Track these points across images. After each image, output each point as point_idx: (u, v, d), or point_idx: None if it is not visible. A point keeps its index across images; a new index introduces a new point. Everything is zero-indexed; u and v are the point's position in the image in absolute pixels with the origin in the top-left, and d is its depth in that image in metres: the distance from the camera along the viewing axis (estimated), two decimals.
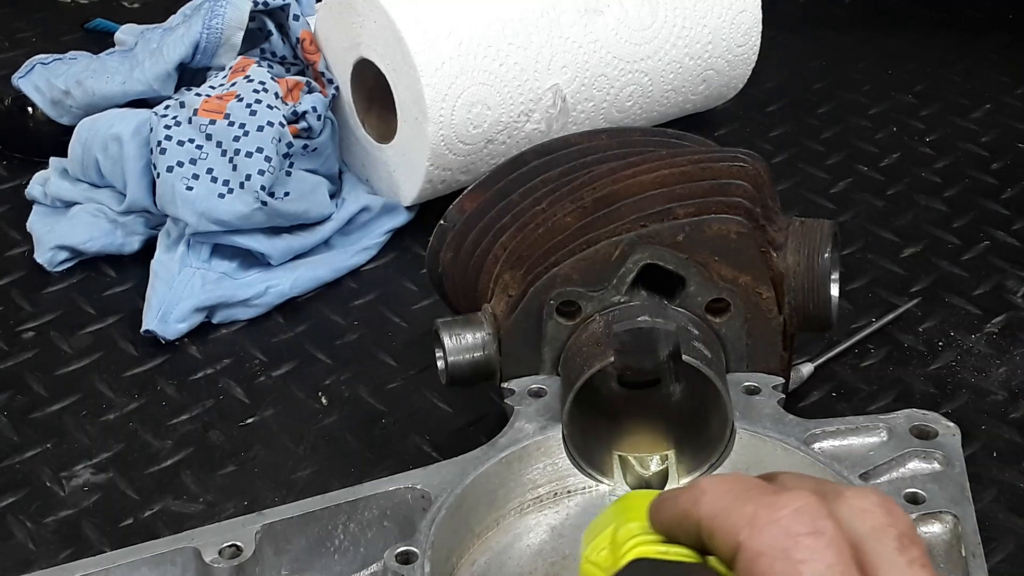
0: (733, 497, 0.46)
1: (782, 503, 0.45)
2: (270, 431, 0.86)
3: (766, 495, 0.46)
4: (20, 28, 1.39)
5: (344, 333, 0.95)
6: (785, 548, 0.44)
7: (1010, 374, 0.90)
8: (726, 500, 0.46)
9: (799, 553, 0.44)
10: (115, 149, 1.00)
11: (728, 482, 0.48)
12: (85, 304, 0.98)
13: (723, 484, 0.47)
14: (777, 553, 0.44)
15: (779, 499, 0.45)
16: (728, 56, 1.13)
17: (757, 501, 0.45)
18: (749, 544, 0.44)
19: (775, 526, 0.44)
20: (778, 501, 0.45)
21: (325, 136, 1.03)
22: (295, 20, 1.06)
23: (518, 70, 1.01)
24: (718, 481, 0.48)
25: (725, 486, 0.47)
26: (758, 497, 0.46)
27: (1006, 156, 1.16)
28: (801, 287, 0.75)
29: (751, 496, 0.46)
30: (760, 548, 0.44)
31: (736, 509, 0.46)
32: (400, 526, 0.68)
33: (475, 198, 0.80)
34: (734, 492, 0.47)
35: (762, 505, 0.45)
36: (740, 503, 0.46)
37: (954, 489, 0.66)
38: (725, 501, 0.46)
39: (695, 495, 0.48)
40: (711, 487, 0.47)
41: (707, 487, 0.48)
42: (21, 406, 0.88)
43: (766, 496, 0.46)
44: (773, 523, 0.44)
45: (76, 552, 0.76)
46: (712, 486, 0.47)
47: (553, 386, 0.73)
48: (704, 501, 0.47)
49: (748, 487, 0.47)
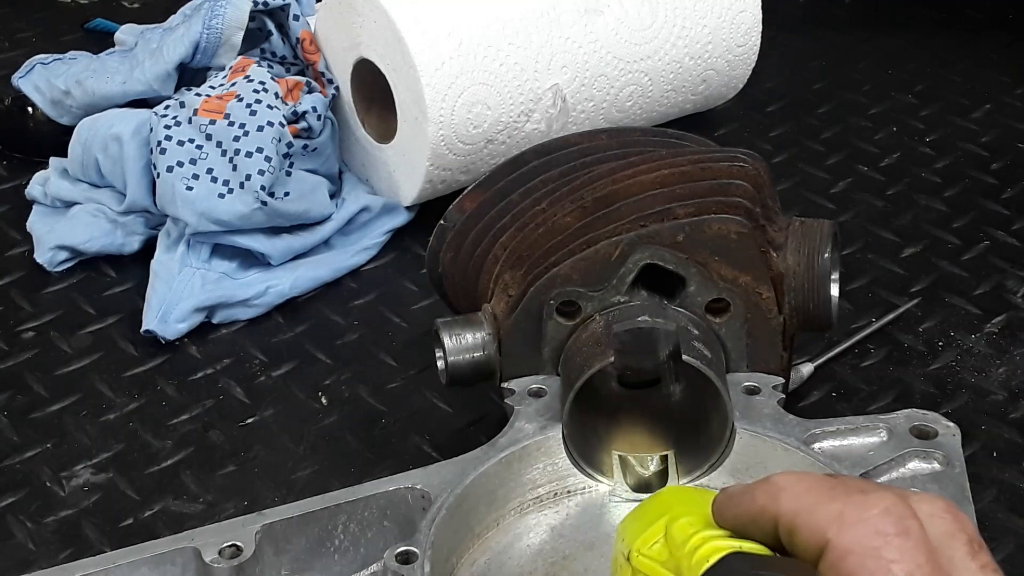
0: (817, 495, 0.47)
1: (871, 502, 0.45)
2: (270, 431, 0.86)
3: (852, 494, 0.46)
4: (20, 28, 1.39)
5: (344, 333, 0.95)
6: (875, 547, 0.44)
7: (1010, 374, 0.90)
8: (809, 497, 0.47)
9: (889, 552, 0.44)
10: (115, 149, 1.00)
11: (807, 479, 0.48)
12: (85, 304, 0.98)
13: (802, 481, 0.48)
14: (867, 551, 0.44)
15: (867, 498, 0.45)
16: (728, 56, 1.13)
17: (844, 500, 0.46)
18: (838, 541, 0.45)
19: (864, 525, 0.45)
20: (867, 500, 0.45)
21: (325, 136, 1.03)
22: (295, 20, 1.06)
23: (518, 70, 1.01)
24: (796, 478, 0.48)
25: (805, 483, 0.47)
26: (845, 496, 0.46)
27: (1006, 156, 1.16)
28: (801, 287, 0.75)
29: (836, 494, 0.46)
30: (849, 546, 0.44)
31: (822, 506, 0.46)
32: (400, 526, 0.68)
33: (475, 198, 0.80)
34: (817, 490, 0.47)
35: (850, 504, 0.45)
36: (826, 501, 0.46)
37: (954, 489, 0.66)
38: (809, 499, 0.47)
39: (773, 492, 0.48)
40: (791, 484, 0.48)
41: (786, 484, 0.48)
42: (21, 406, 0.88)
43: (853, 495, 0.46)
44: (862, 522, 0.45)
45: (76, 552, 0.76)
46: (792, 483, 0.48)
47: (553, 386, 0.73)
48: (784, 498, 0.47)
49: (831, 485, 0.47)
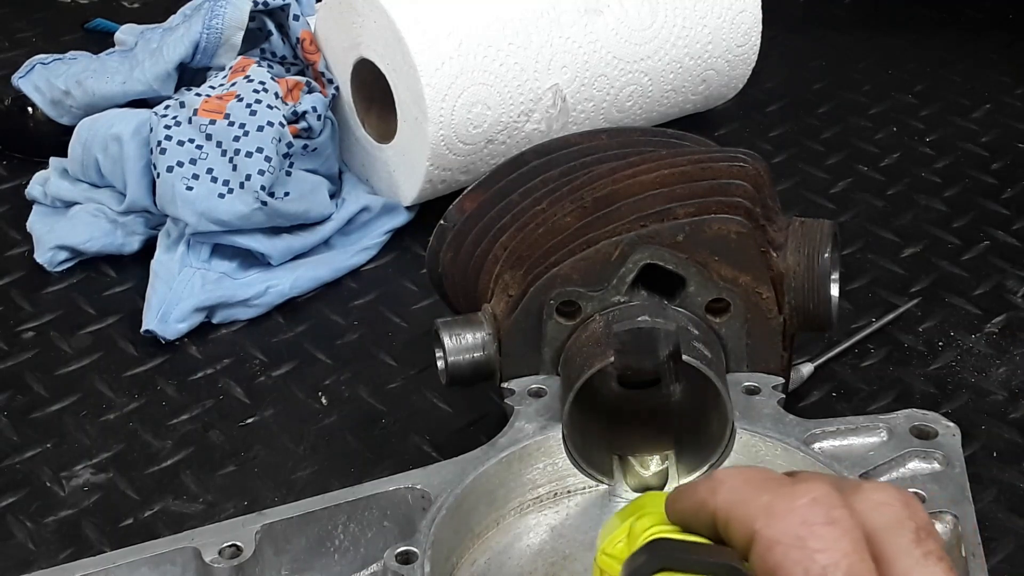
0: (750, 487, 0.47)
1: (799, 492, 0.45)
2: (270, 431, 0.86)
3: (783, 485, 0.46)
4: (20, 28, 1.39)
5: (344, 333, 0.95)
6: (800, 536, 0.44)
7: (1010, 374, 0.90)
8: (743, 490, 0.47)
9: (814, 542, 0.44)
10: (115, 149, 1.00)
11: (746, 473, 0.48)
12: (85, 304, 0.98)
13: (741, 475, 0.48)
14: (792, 541, 0.44)
15: (796, 489, 0.46)
16: (728, 56, 1.13)
17: (774, 491, 0.46)
18: (765, 532, 0.45)
19: (791, 515, 0.45)
20: (795, 491, 0.45)
21: (325, 136, 1.03)
22: (295, 20, 1.06)
23: (518, 70, 1.01)
24: (736, 472, 0.48)
25: (743, 476, 0.48)
26: (775, 488, 0.46)
27: (1006, 156, 1.16)
28: (801, 287, 0.75)
29: (768, 486, 0.46)
30: (776, 536, 0.45)
31: (753, 499, 0.46)
32: (400, 526, 0.68)
33: (475, 198, 0.80)
34: (751, 483, 0.47)
35: (778, 495, 0.46)
36: (757, 493, 0.46)
37: (954, 489, 0.66)
38: (742, 491, 0.47)
39: (713, 485, 0.48)
40: (729, 477, 0.48)
41: (725, 477, 0.48)
42: (21, 406, 0.88)
43: (783, 487, 0.46)
44: (789, 512, 0.45)
45: (76, 552, 0.76)
46: (730, 476, 0.48)
47: (553, 386, 0.73)
48: (721, 491, 0.47)
49: (765, 478, 0.47)
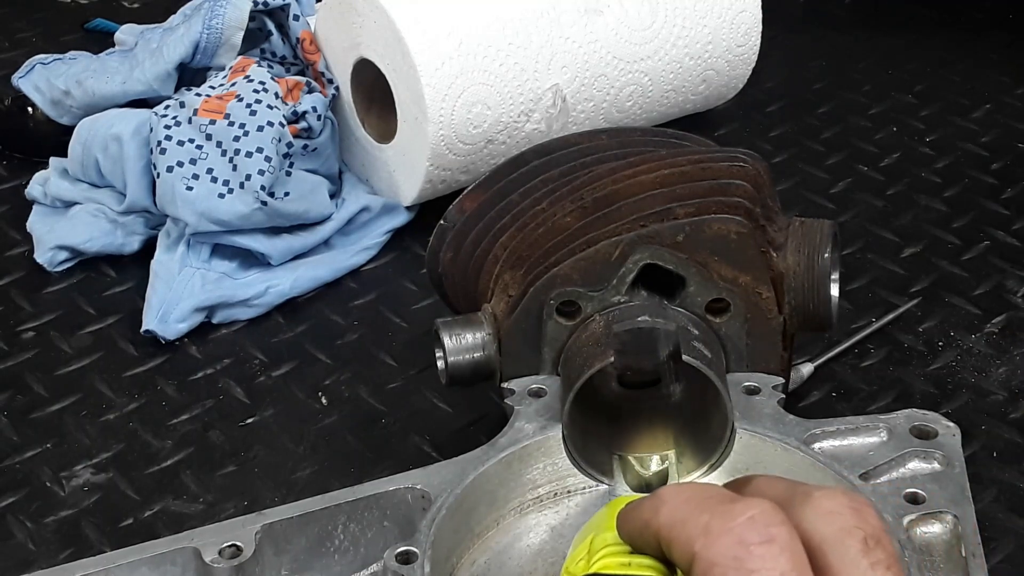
0: (691, 507, 0.46)
1: (736, 512, 0.45)
2: (270, 431, 0.86)
3: (723, 504, 0.45)
4: (20, 28, 1.39)
5: (344, 333, 0.95)
6: (738, 557, 0.43)
7: (1010, 374, 0.90)
8: (684, 510, 0.46)
9: (752, 562, 0.43)
10: (115, 149, 1.00)
11: (687, 491, 0.47)
12: (85, 304, 0.98)
13: (682, 493, 0.47)
14: (730, 563, 0.43)
15: (734, 508, 0.45)
16: (728, 56, 1.13)
17: (712, 510, 0.45)
18: (703, 554, 0.44)
19: (728, 535, 0.44)
20: (732, 510, 0.45)
21: (325, 136, 1.03)
22: (295, 20, 1.06)
23: (518, 70, 1.01)
24: (678, 490, 0.47)
25: (684, 495, 0.47)
26: (714, 506, 0.45)
27: (1006, 156, 1.16)
28: (801, 287, 0.75)
29: (708, 505, 0.45)
30: (713, 558, 0.44)
31: (692, 519, 0.45)
32: (400, 526, 0.68)
33: (475, 198, 0.80)
34: (692, 502, 0.46)
35: (716, 514, 0.45)
36: (697, 512, 0.45)
37: (954, 489, 0.66)
38: (683, 511, 0.46)
39: (655, 504, 0.47)
40: (671, 496, 0.47)
41: (667, 496, 0.47)
42: (21, 406, 0.88)
43: (722, 505, 0.45)
44: (727, 532, 0.44)
45: (76, 552, 0.76)
46: (672, 495, 0.47)
47: (553, 386, 0.73)
48: (663, 511, 0.47)
49: (706, 496, 0.46)
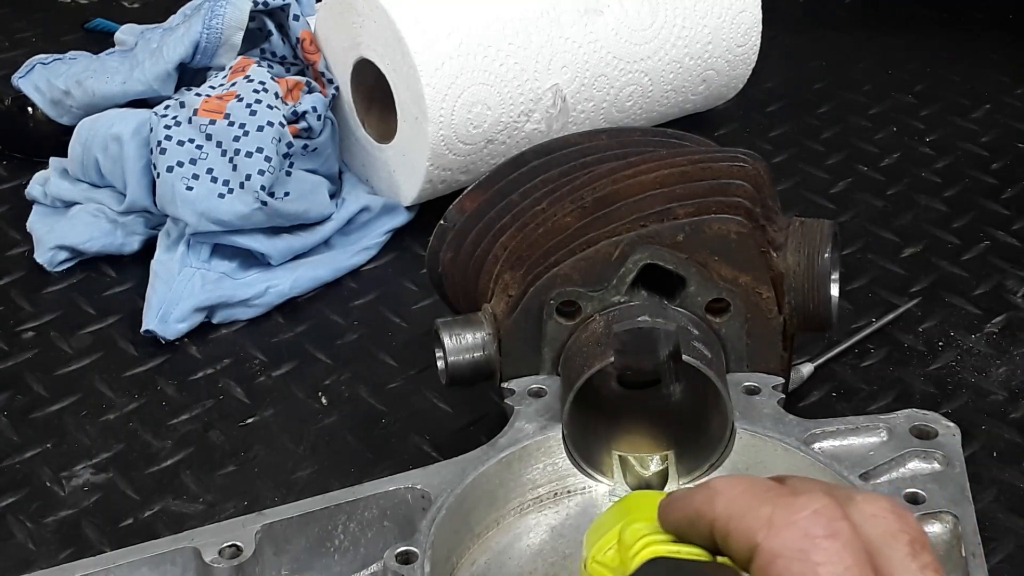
0: (749, 498, 0.46)
1: (800, 505, 0.45)
2: (270, 431, 0.86)
3: (783, 496, 0.46)
4: (20, 28, 1.39)
5: (344, 333, 0.95)
6: (803, 549, 0.44)
7: (1010, 374, 0.90)
8: (742, 501, 0.46)
9: (817, 555, 0.44)
10: (115, 149, 1.00)
11: (742, 483, 0.48)
12: (85, 304, 0.98)
13: (738, 485, 0.47)
14: (795, 554, 0.44)
15: (796, 501, 0.45)
16: (728, 56, 1.13)
17: (774, 503, 0.45)
18: (767, 545, 0.45)
19: (793, 528, 0.44)
20: (795, 503, 0.45)
21: (325, 136, 1.03)
22: (295, 20, 1.06)
23: (518, 70, 1.01)
24: (732, 482, 0.48)
25: (740, 487, 0.47)
26: (775, 499, 0.46)
27: (1006, 156, 1.16)
28: (801, 287, 0.75)
29: (768, 498, 0.46)
30: (778, 549, 0.44)
31: (752, 510, 0.46)
32: (400, 526, 0.68)
33: (475, 198, 0.80)
34: (750, 493, 0.47)
35: (779, 507, 0.45)
36: (757, 504, 0.46)
37: (954, 489, 0.66)
38: (741, 502, 0.46)
39: (709, 495, 0.48)
40: (726, 488, 0.47)
41: (721, 488, 0.48)
42: (21, 406, 0.88)
43: (783, 498, 0.46)
44: (791, 525, 0.45)
45: (76, 552, 0.76)
46: (727, 487, 0.48)
47: (553, 386, 0.73)
48: (719, 502, 0.47)
49: (764, 488, 0.47)
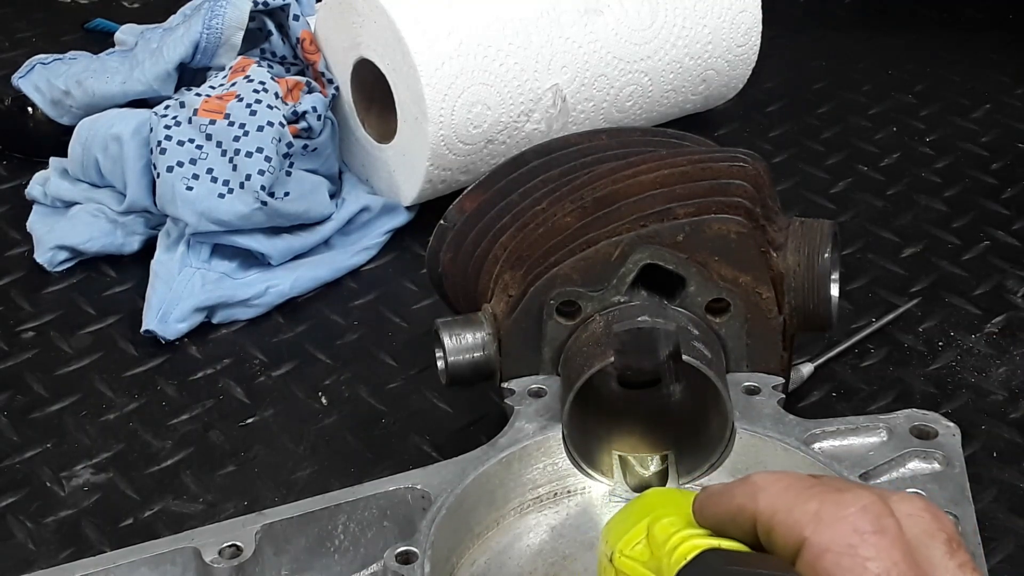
0: (795, 494, 0.47)
1: (848, 501, 0.45)
2: (270, 431, 0.86)
3: (829, 492, 0.46)
4: (20, 28, 1.39)
5: (344, 333, 0.95)
6: (852, 544, 0.44)
7: (1010, 374, 0.90)
8: (787, 496, 0.47)
9: (866, 550, 0.44)
10: (115, 149, 1.00)
11: (786, 479, 0.48)
12: (85, 304, 0.98)
13: (781, 480, 0.48)
14: (844, 549, 0.44)
15: (844, 497, 0.46)
16: (728, 56, 1.13)
17: (821, 498, 0.46)
18: (815, 540, 0.45)
19: (842, 523, 0.45)
20: (843, 499, 0.46)
21: (325, 136, 1.03)
22: (295, 20, 1.06)
23: (518, 70, 1.01)
24: (775, 477, 0.48)
25: (784, 482, 0.48)
26: (822, 494, 0.46)
27: (1006, 156, 1.16)
28: (801, 287, 0.75)
29: (814, 493, 0.46)
30: (826, 544, 0.45)
31: (799, 505, 0.46)
32: (400, 526, 0.68)
33: (475, 198, 0.80)
34: (795, 489, 0.47)
35: (827, 502, 0.46)
36: (803, 500, 0.46)
37: (954, 489, 0.66)
38: (786, 497, 0.47)
39: (752, 491, 0.48)
40: (769, 483, 0.48)
41: (765, 483, 0.48)
42: (21, 406, 0.88)
43: (830, 493, 0.46)
44: (840, 520, 0.45)
45: (76, 552, 0.76)
46: (771, 482, 0.48)
47: (553, 386, 0.73)
48: (763, 497, 0.47)
49: (808, 484, 0.47)
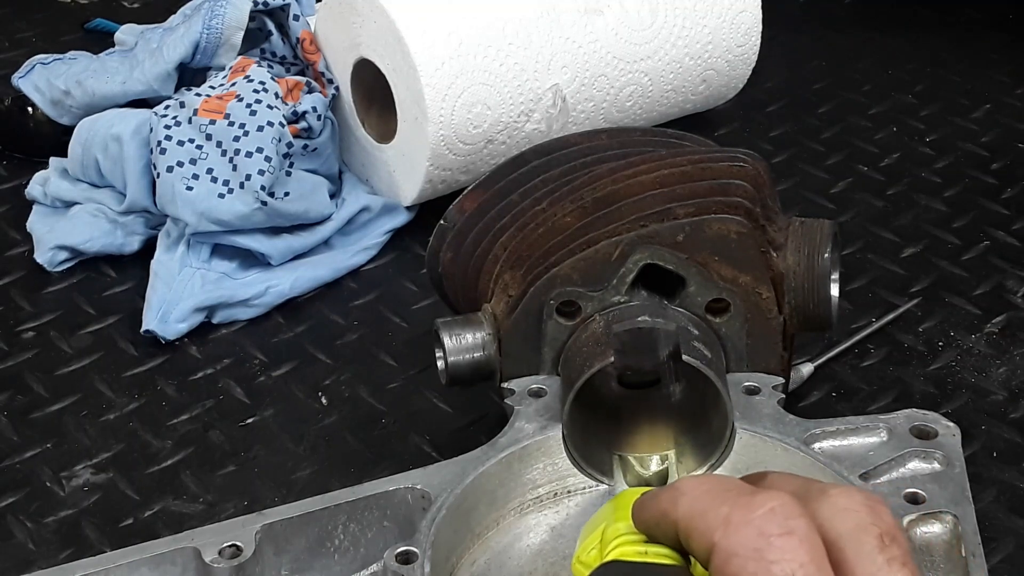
0: (711, 498, 0.46)
1: (756, 503, 0.45)
2: (270, 431, 0.86)
3: (742, 495, 0.46)
4: (20, 28, 1.39)
5: (344, 333, 0.95)
6: (758, 548, 0.44)
7: (1010, 374, 0.90)
8: (704, 501, 0.47)
9: (771, 553, 0.44)
10: (115, 149, 1.00)
11: (707, 483, 0.48)
12: (85, 304, 0.98)
13: (702, 485, 0.47)
14: (750, 553, 0.44)
15: (754, 499, 0.45)
16: (728, 56, 1.13)
17: (733, 502, 0.46)
18: (723, 545, 0.45)
19: (748, 527, 0.44)
20: (752, 502, 0.45)
21: (325, 136, 1.03)
22: (295, 20, 1.06)
23: (518, 70, 1.01)
24: (697, 482, 0.48)
25: (704, 487, 0.47)
26: (734, 498, 0.46)
27: (1006, 156, 1.16)
28: (801, 287, 0.75)
29: (728, 497, 0.46)
30: (733, 549, 0.44)
31: (712, 510, 0.46)
32: (400, 526, 0.68)
33: (475, 198, 0.80)
34: (712, 493, 0.47)
35: (737, 506, 0.45)
36: (716, 504, 0.46)
37: (954, 489, 0.66)
38: (703, 502, 0.46)
39: (674, 496, 0.48)
40: (690, 488, 0.48)
41: (686, 488, 0.48)
42: (21, 406, 0.88)
43: (742, 497, 0.46)
44: (746, 524, 0.45)
45: (76, 552, 0.76)
46: (691, 487, 0.48)
47: (553, 386, 0.73)
48: (682, 502, 0.47)
49: (726, 488, 0.47)
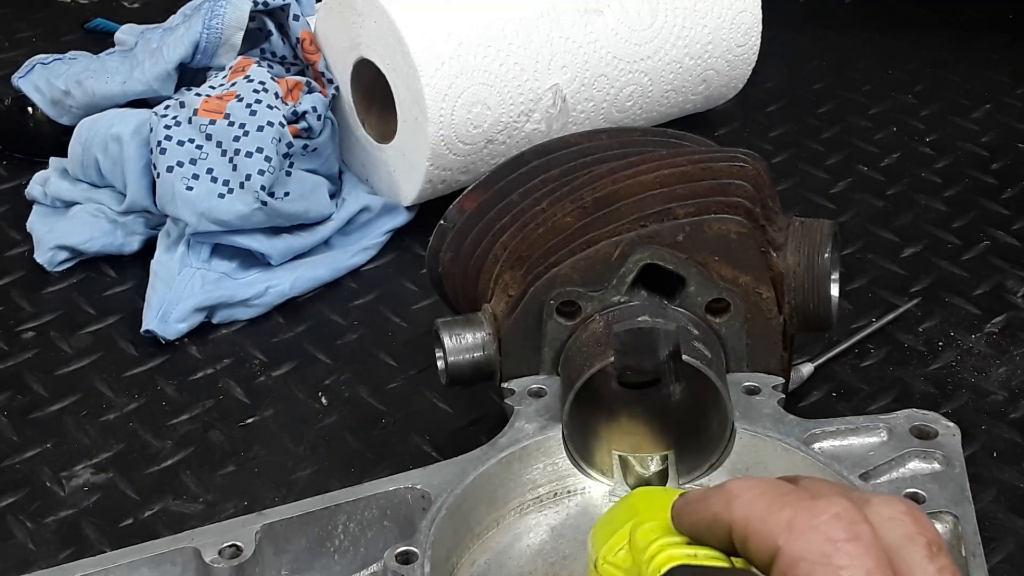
0: (769, 501, 0.46)
1: (820, 508, 0.45)
2: (270, 431, 0.86)
3: (803, 500, 0.46)
4: (20, 28, 1.39)
5: (344, 333, 0.95)
6: (825, 553, 0.44)
7: (1010, 374, 0.90)
8: (761, 504, 0.46)
9: (839, 559, 0.44)
10: (115, 149, 1.00)
11: (760, 485, 0.47)
12: (85, 304, 0.98)
13: (755, 488, 0.47)
14: (817, 558, 0.44)
15: (817, 504, 0.45)
16: (728, 56, 1.13)
17: (795, 506, 0.45)
18: (788, 549, 0.44)
19: (814, 531, 0.44)
20: (816, 506, 0.45)
21: (325, 136, 1.03)
22: (295, 20, 1.06)
23: (518, 70, 1.01)
24: (749, 484, 0.48)
25: (758, 490, 0.47)
26: (796, 502, 0.46)
27: (1006, 156, 1.16)
28: (801, 287, 0.75)
29: (788, 501, 0.46)
30: (800, 553, 0.44)
31: (773, 514, 0.46)
32: (400, 526, 0.68)
33: (475, 198, 0.80)
34: (769, 496, 0.47)
35: (800, 510, 0.45)
36: (777, 508, 0.46)
37: (954, 489, 0.66)
38: (760, 505, 0.46)
39: (727, 499, 0.47)
40: (744, 491, 0.47)
41: (739, 491, 0.47)
42: (21, 406, 0.88)
43: (803, 501, 0.46)
44: (812, 528, 0.45)
45: (76, 552, 0.76)
46: (744, 490, 0.47)
47: (553, 386, 0.73)
48: (737, 505, 0.47)
49: (783, 491, 0.47)
